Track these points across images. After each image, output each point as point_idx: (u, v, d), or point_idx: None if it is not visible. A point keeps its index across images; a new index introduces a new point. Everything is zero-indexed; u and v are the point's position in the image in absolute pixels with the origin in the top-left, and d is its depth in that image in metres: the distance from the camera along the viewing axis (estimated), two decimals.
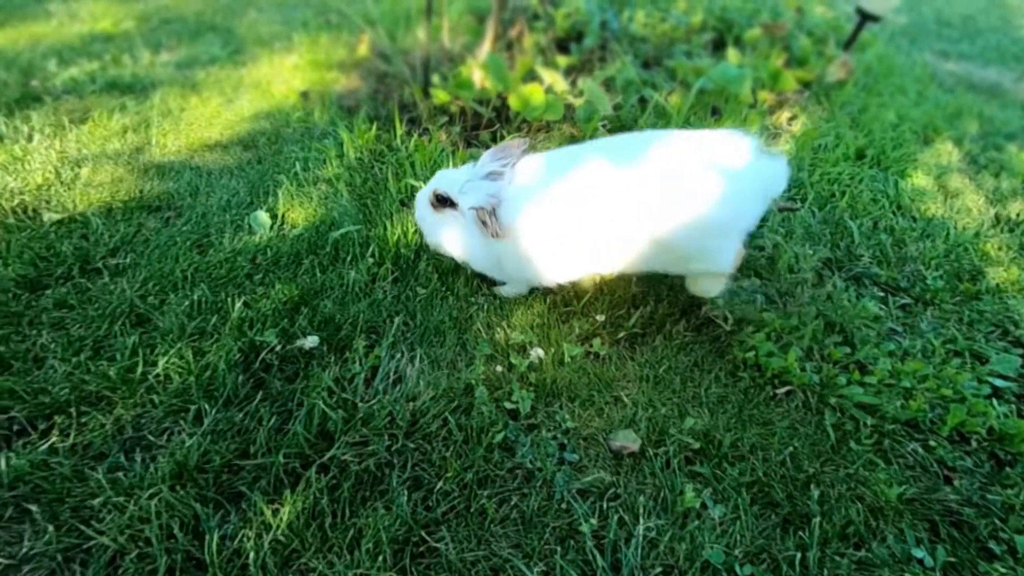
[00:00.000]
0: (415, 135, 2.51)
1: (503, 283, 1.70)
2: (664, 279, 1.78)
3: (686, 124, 2.52)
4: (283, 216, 1.97)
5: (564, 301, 1.69)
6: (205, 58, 3.05)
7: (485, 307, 1.66)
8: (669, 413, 1.40)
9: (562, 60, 2.71)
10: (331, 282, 1.69)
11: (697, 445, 1.32)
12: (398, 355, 1.49)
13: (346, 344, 1.50)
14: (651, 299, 1.70)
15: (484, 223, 1.43)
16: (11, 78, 2.67)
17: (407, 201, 2.07)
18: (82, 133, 2.32)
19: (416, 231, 1.82)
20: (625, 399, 1.43)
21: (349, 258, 1.79)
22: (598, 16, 3.35)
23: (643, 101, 2.68)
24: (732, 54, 2.82)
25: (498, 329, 1.59)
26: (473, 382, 1.42)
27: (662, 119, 2.54)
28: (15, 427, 1.21)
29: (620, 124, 2.58)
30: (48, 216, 1.85)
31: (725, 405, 1.43)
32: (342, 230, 1.86)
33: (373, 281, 1.72)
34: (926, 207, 2.26)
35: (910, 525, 1.23)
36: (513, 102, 2.46)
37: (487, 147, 2.60)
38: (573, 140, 2.51)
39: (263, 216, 1.94)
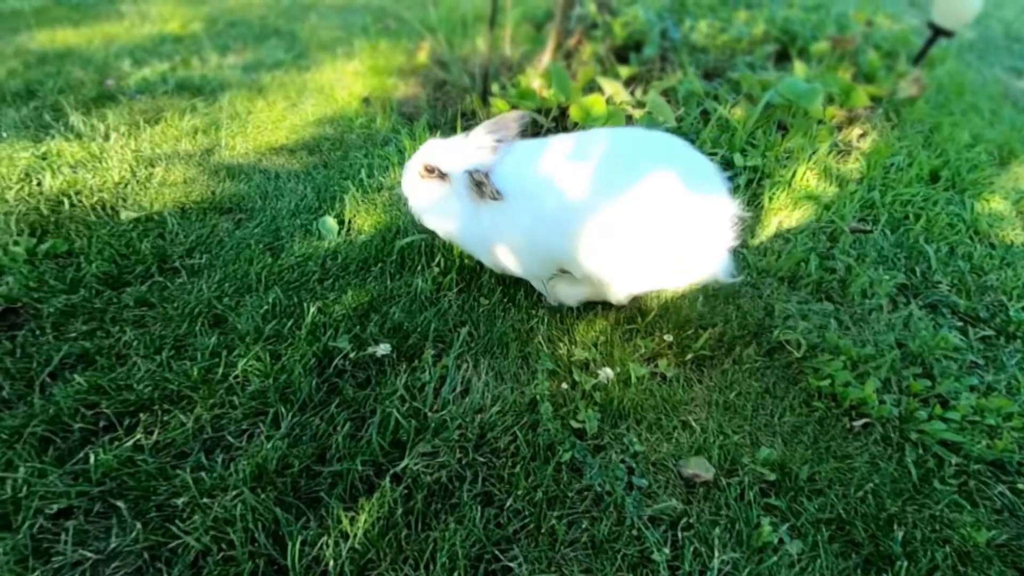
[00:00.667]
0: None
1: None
2: (732, 299, 1.75)
3: (750, 138, 2.47)
4: (350, 222, 2.00)
5: (628, 319, 1.66)
6: (270, 61, 3.12)
7: (546, 320, 1.65)
8: (741, 441, 1.36)
9: (623, 70, 2.69)
10: (399, 290, 1.70)
11: (772, 477, 1.28)
12: (464, 366, 1.49)
13: (415, 352, 1.51)
14: (719, 319, 1.67)
15: (479, 184, 1.38)
16: (87, 77, 2.78)
17: None
18: (155, 133, 2.40)
19: None
20: (694, 424, 1.41)
21: (415, 267, 1.80)
22: (657, 26, 3.31)
23: (705, 114, 2.64)
24: (799, 67, 2.76)
25: (560, 344, 1.58)
26: (538, 397, 1.41)
27: (725, 132, 2.49)
28: (102, 423, 1.25)
29: (682, 136, 2.53)
30: (126, 214, 1.92)
31: (800, 435, 1.39)
32: (408, 239, 1.88)
33: (438, 290, 1.73)
34: (1005, 233, 2.16)
35: (999, 574, 1.17)
36: (574, 112, 2.44)
37: None
38: None
39: (331, 222, 1.97)
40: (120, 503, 1.12)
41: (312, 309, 1.56)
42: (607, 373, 1.45)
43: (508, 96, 2.72)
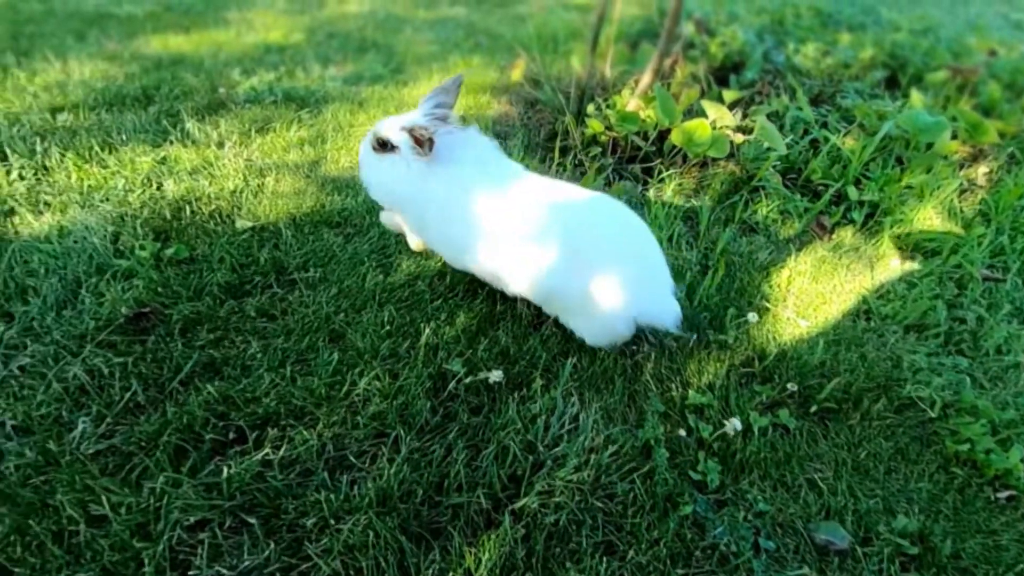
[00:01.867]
0: (568, 166, 2.51)
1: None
2: (855, 347, 1.65)
3: (864, 172, 2.35)
4: None
5: (744, 362, 1.60)
6: (369, 75, 3.20)
7: (652, 357, 1.60)
8: (875, 507, 1.28)
9: (727, 94, 2.61)
10: (503, 314, 1.69)
11: (914, 550, 1.19)
12: (572, 399, 1.46)
13: (523, 381, 1.50)
14: (843, 368, 1.58)
15: (417, 138, 1.44)
16: (200, 84, 2.91)
17: None
18: (264, 143, 2.49)
19: None
20: (821, 484, 1.33)
21: None
22: (759, 48, 3.22)
23: (814, 142, 2.53)
24: (916, 98, 2.61)
25: (670, 384, 1.53)
26: (652, 442, 1.36)
27: (837, 163, 2.38)
28: (231, 435, 1.29)
29: (789, 165, 2.45)
30: (241, 223, 1.98)
31: (939, 505, 1.30)
32: None
33: (539, 314, 1.71)
34: None
35: None
36: (676, 137, 2.39)
37: (639, 180, 2.58)
38: (737, 180, 2.42)
39: None
40: (252, 519, 1.14)
41: (427, 330, 1.57)
42: (734, 424, 1.39)
43: (602, 117, 2.69)
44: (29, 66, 3.00)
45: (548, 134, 2.88)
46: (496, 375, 1.46)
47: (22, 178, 2.00)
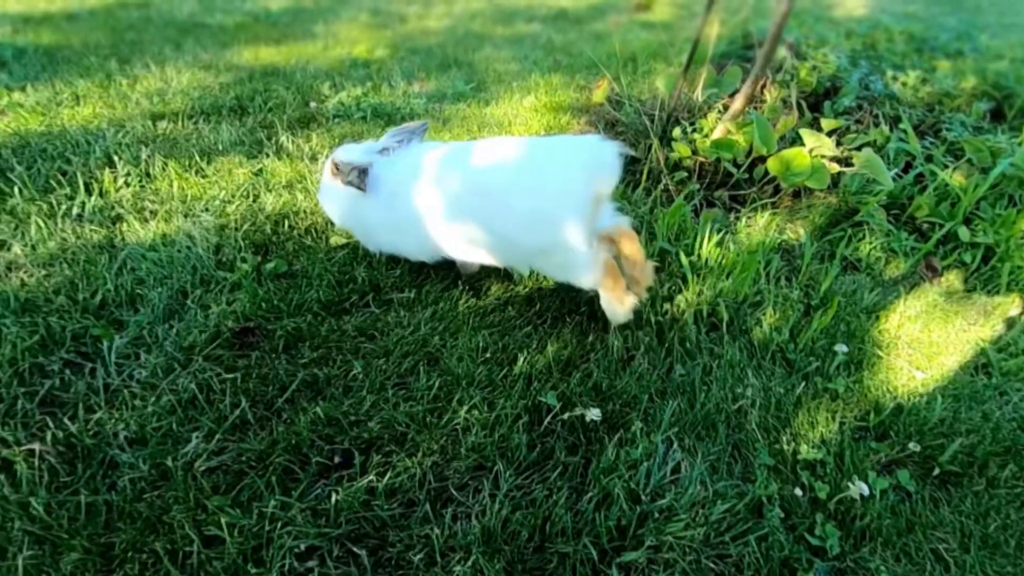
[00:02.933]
0: (652, 191, 2.45)
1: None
2: (976, 404, 1.54)
3: (975, 211, 2.21)
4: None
5: (859, 416, 1.51)
6: (451, 92, 3.23)
7: (758, 403, 1.53)
8: None
9: (826, 123, 2.51)
10: (594, 346, 1.65)
11: None
12: (674, 446, 1.40)
13: (619, 421, 1.45)
14: (964, 426, 1.47)
15: (346, 175, 1.59)
16: (291, 97, 2.99)
17: (659, 269, 2.00)
18: None
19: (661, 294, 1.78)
20: (947, 557, 1.23)
21: (606, 321, 1.75)
22: (855, 74, 3.09)
23: (920, 177, 2.40)
24: None
25: (778, 435, 1.45)
26: (764, 500, 1.29)
27: (944, 201, 2.25)
28: (336, 458, 1.29)
29: (893, 200, 2.32)
30: (334, 239, 2.01)
31: None
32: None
33: (628, 349, 1.66)
34: None
35: None
36: (773, 165, 2.30)
37: (726, 207, 2.50)
38: (836, 212, 2.31)
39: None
40: (360, 550, 1.13)
41: (521, 359, 1.54)
42: (860, 488, 1.30)
43: (691, 141, 2.63)
44: (130, 73, 3.14)
45: (630, 157, 2.83)
46: (594, 413, 1.42)
47: (128, 185, 2.08)
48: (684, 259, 1.93)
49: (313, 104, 2.89)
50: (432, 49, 3.79)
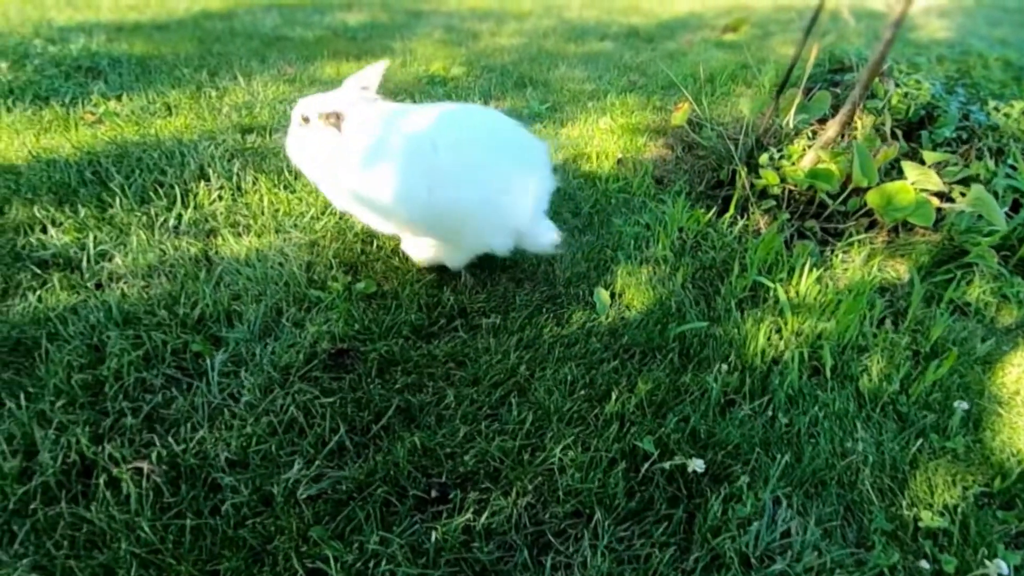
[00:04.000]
0: (740, 221, 2.37)
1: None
2: None
3: None
4: (621, 296, 1.93)
5: (982, 480, 1.39)
6: (525, 112, 3.21)
7: (870, 460, 1.43)
8: None
9: (929, 155, 2.37)
10: (689, 387, 1.58)
11: None
12: (782, 505, 1.32)
13: (722, 474, 1.37)
14: None
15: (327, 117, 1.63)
16: None
17: (745, 302, 1.92)
18: None
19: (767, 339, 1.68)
20: None
21: (699, 360, 1.68)
22: (954, 103, 2.93)
23: None
24: None
25: (895, 498, 1.35)
26: (885, 570, 1.20)
27: None
28: (433, 492, 1.26)
29: (1003, 241, 2.17)
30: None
31: None
32: (686, 326, 1.76)
33: (726, 394, 1.58)
34: None
35: None
36: (872, 199, 2.18)
37: (818, 240, 2.38)
38: (940, 251, 2.18)
39: (604, 294, 1.91)
40: None
41: (613, 396, 1.49)
42: (1000, 567, 1.19)
43: (779, 168, 2.53)
44: (219, 84, 3.24)
45: (711, 182, 2.75)
46: (698, 464, 1.35)
47: (220, 198, 2.12)
48: (782, 295, 1.84)
49: None
50: (506, 67, 3.79)
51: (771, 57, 4.41)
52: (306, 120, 1.70)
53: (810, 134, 2.84)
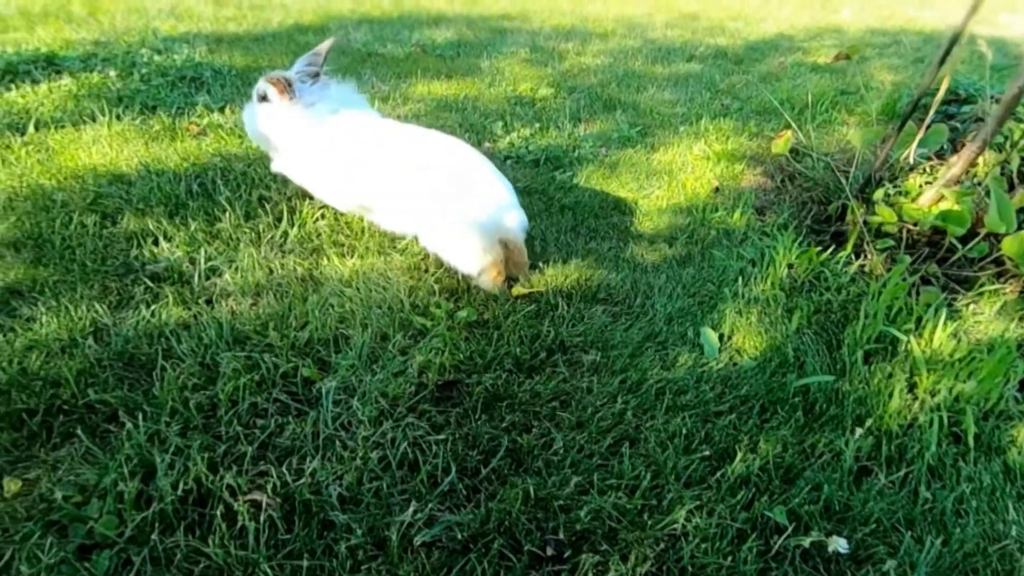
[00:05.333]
0: (855, 261, 2.21)
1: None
2: None
3: None
4: (730, 338, 1.82)
5: None
6: (615, 136, 3.14)
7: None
8: None
9: None
10: (817, 449, 1.46)
11: None
12: None
13: (865, 554, 1.24)
14: None
15: (276, 84, 1.87)
16: (464, 135, 2.97)
17: (872, 354, 1.77)
18: (527, 204, 2.47)
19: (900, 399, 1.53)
20: None
21: (824, 418, 1.55)
22: None
23: None
24: None
25: None
26: None
27: None
28: (549, 550, 1.19)
29: None
30: (516, 289, 1.95)
31: None
32: (809, 379, 1.63)
33: (858, 459, 1.44)
34: None
35: None
36: (1009, 246, 1.99)
37: (942, 286, 2.19)
38: None
39: (711, 335, 1.81)
40: None
41: (738, 456, 1.38)
42: None
43: (896, 205, 2.36)
44: None
45: (818, 216, 2.60)
46: (840, 544, 1.22)
47: (323, 217, 2.13)
48: (917, 350, 1.69)
49: (488, 144, 2.89)
50: (594, 88, 3.73)
51: (871, 83, 4.19)
52: (263, 98, 1.94)
53: (927, 169, 2.65)
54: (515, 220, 1.83)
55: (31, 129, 2.65)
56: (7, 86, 3.13)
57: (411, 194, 1.84)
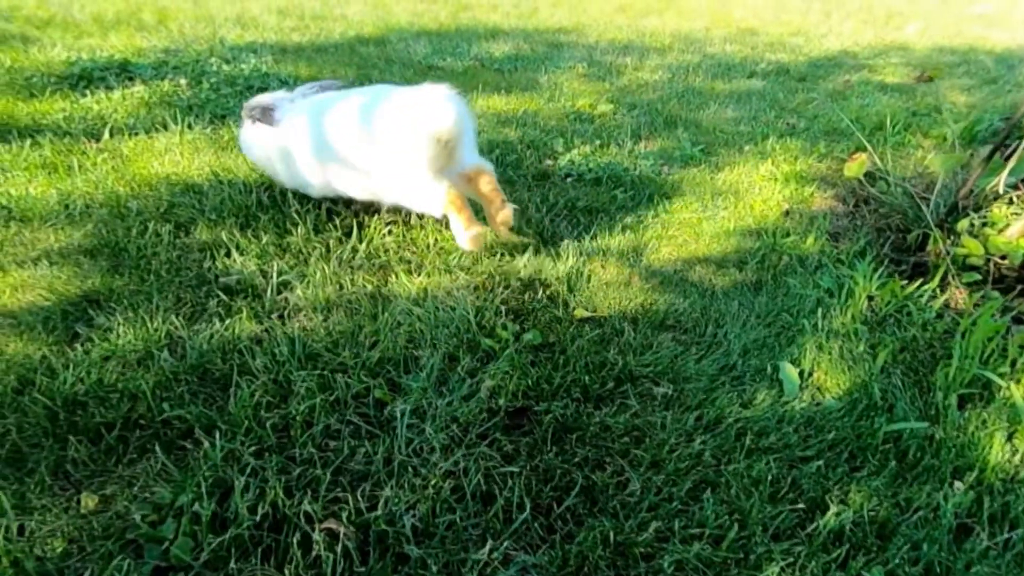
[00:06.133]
0: (940, 295, 2.09)
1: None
2: None
3: None
4: (810, 374, 1.73)
5: None
6: (677, 154, 3.06)
7: None
8: None
9: None
10: (912, 503, 1.36)
11: None
12: None
13: None
14: None
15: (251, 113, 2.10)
16: (524, 150, 2.90)
17: (966, 399, 1.65)
18: (590, 223, 2.43)
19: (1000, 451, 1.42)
20: None
21: (919, 469, 1.44)
22: None
23: None
24: None
25: None
26: None
27: None
28: None
29: None
30: (579, 311, 1.90)
31: None
32: (900, 424, 1.53)
33: (957, 515, 1.34)
34: None
35: None
36: None
37: None
38: None
39: (792, 371, 1.72)
40: None
41: (831, 508, 1.30)
42: None
43: (977, 236, 2.22)
44: None
45: (896, 244, 2.47)
46: None
47: (390, 233, 2.13)
48: (1017, 396, 1.57)
49: (549, 162, 2.85)
50: (653, 105, 3.67)
51: (943, 104, 4.01)
52: (253, 119, 2.09)
53: (1012, 199, 2.50)
54: (448, 112, 1.70)
55: (106, 135, 2.73)
56: (83, 92, 3.24)
57: (346, 144, 1.88)
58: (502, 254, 2.12)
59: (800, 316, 1.95)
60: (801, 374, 1.73)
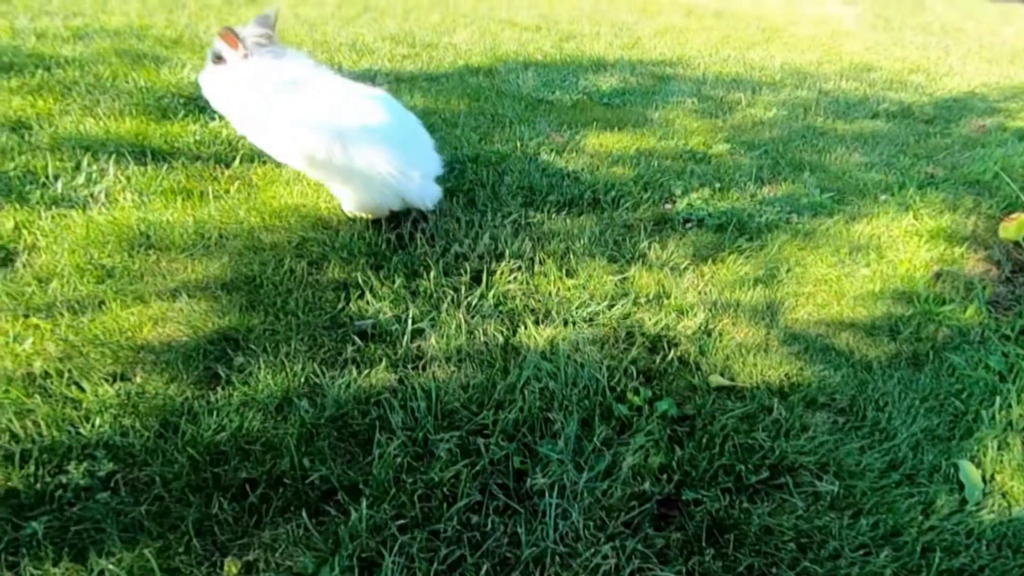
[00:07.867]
0: None
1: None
2: None
3: None
4: (992, 477, 1.52)
5: None
6: (805, 201, 2.86)
7: None
8: None
9: None
10: None
11: None
12: None
13: None
14: None
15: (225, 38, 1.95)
16: (638, 192, 2.78)
17: None
18: (713, 272, 2.29)
19: None
20: None
21: None
22: None
23: None
24: None
25: None
26: None
27: None
28: None
29: None
30: (714, 378, 1.76)
31: None
32: None
33: None
34: None
35: None
36: None
37: None
38: None
39: (974, 473, 1.52)
40: None
41: None
42: None
43: None
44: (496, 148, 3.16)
45: None
46: None
47: (515, 280, 2.06)
48: None
49: (667, 205, 2.73)
50: (774, 145, 3.48)
51: None
52: (218, 59, 2.01)
53: None
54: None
55: (236, 162, 2.79)
56: (211, 115, 3.34)
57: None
58: (623, 303, 2.01)
59: (971, 402, 1.74)
60: (982, 476, 1.52)
